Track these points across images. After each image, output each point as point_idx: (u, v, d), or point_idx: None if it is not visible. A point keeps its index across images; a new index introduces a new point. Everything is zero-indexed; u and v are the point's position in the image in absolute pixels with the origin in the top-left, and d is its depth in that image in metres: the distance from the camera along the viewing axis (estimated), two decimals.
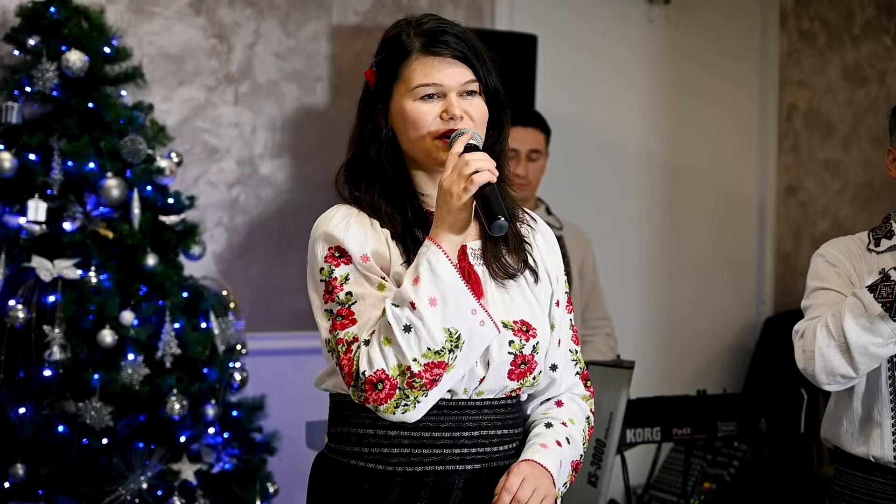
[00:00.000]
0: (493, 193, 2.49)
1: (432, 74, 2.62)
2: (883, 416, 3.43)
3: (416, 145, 2.66)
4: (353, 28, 5.75)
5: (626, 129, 6.47)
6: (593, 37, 6.33)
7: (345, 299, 2.57)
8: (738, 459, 5.64)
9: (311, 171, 5.64)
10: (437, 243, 2.51)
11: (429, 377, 2.48)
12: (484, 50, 2.70)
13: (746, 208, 6.78)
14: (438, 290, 2.48)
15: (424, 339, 2.46)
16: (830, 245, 3.63)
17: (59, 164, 4.54)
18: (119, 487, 4.51)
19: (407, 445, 2.64)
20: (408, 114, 2.64)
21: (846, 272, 3.51)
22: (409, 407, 2.50)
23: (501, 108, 2.73)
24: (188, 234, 4.79)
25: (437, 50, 2.64)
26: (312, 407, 4.46)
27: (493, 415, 2.69)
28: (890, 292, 3.27)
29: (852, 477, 3.53)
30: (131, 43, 5.04)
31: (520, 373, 2.65)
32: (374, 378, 2.48)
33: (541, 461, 2.63)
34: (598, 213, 6.23)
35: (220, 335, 4.76)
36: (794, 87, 6.60)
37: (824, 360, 3.34)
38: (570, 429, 2.75)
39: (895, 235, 3.55)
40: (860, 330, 3.28)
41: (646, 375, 5.50)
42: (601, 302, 5.28)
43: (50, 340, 4.44)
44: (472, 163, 2.49)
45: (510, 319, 2.64)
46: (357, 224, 2.64)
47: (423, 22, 2.68)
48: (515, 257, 2.72)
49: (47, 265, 4.48)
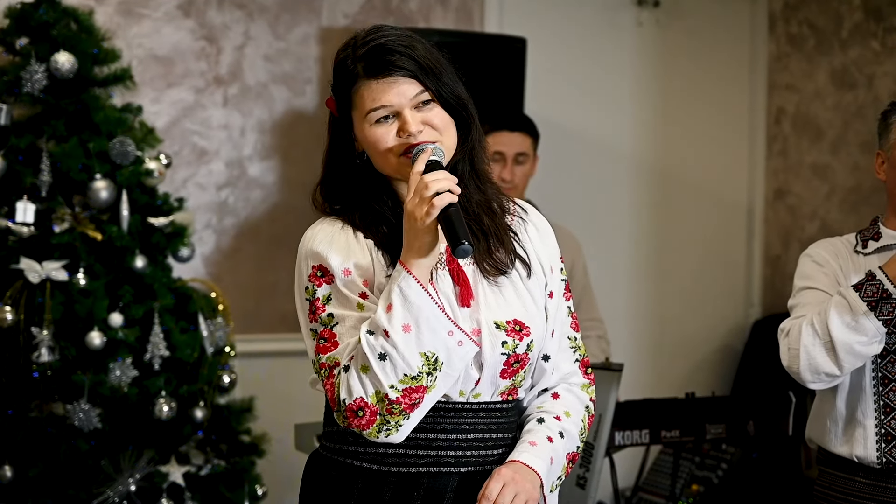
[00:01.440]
0: (455, 215, 2.47)
1: (379, 98, 2.60)
2: (866, 415, 3.45)
3: (384, 165, 2.66)
4: (342, 31, 5.75)
5: (616, 132, 6.47)
6: (582, 40, 6.34)
7: (326, 320, 2.60)
8: (727, 462, 5.65)
9: (299, 174, 5.64)
10: (407, 269, 2.51)
11: (407, 402, 2.50)
12: (430, 54, 2.66)
13: (735, 212, 6.79)
14: (411, 316, 2.48)
15: (400, 367, 2.48)
16: (818, 245, 3.65)
17: (47, 166, 4.54)
18: (107, 490, 4.51)
19: (402, 446, 2.64)
20: (368, 138, 2.63)
21: (833, 272, 3.53)
22: (392, 431, 2.53)
23: (463, 109, 2.70)
24: (177, 235, 4.78)
25: (379, 73, 2.61)
26: (301, 409, 4.48)
27: (488, 418, 2.69)
28: (875, 291, 3.29)
29: (835, 477, 3.55)
30: (120, 45, 5.04)
31: (512, 371, 2.66)
32: (354, 406, 2.51)
33: (527, 461, 2.63)
34: (587, 216, 6.23)
35: (208, 337, 4.75)
36: (782, 91, 6.61)
37: (809, 358, 3.36)
38: (563, 423, 2.74)
39: (882, 237, 3.57)
40: (845, 328, 3.30)
41: (634, 378, 5.51)
42: (593, 304, 5.27)
43: (38, 342, 4.44)
44: (431, 185, 2.47)
45: (503, 319, 2.64)
46: (340, 237, 2.65)
47: (367, 41, 2.64)
48: (503, 249, 2.71)
49: (36, 267, 4.47)
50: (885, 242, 3.55)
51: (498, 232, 2.73)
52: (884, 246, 3.54)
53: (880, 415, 3.44)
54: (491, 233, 2.71)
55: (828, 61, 6.31)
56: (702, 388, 6.01)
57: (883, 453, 3.42)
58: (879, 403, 3.44)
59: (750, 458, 5.60)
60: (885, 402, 3.44)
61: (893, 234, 3.56)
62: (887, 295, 3.28)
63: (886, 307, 3.28)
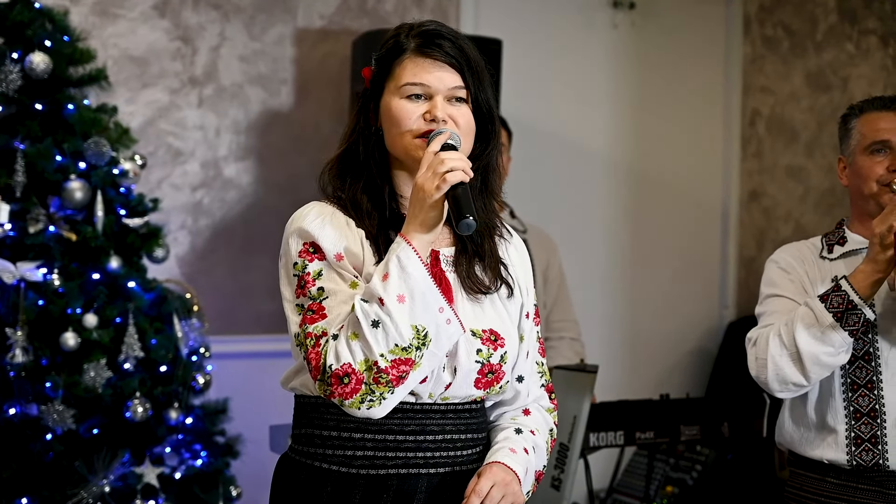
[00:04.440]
0: (464, 194, 2.50)
1: (421, 75, 2.65)
2: (837, 421, 3.46)
3: (397, 143, 2.67)
4: (317, 31, 5.75)
5: (591, 133, 6.48)
6: (558, 42, 6.35)
7: (316, 294, 2.59)
8: (701, 463, 5.66)
9: (275, 174, 5.63)
10: (407, 241, 2.53)
11: (395, 373, 2.49)
12: (480, 62, 2.72)
13: (710, 213, 6.81)
14: (407, 287, 2.49)
15: (392, 335, 2.48)
16: (784, 251, 3.66)
17: (21, 167, 4.52)
18: (81, 491, 4.49)
19: (371, 448, 2.64)
20: (393, 110, 2.66)
21: (799, 278, 3.54)
22: (375, 403, 2.51)
23: (490, 122, 2.74)
24: (152, 236, 4.77)
25: (430, 52, 2.66)
26: (276, 410, 4.46)
27: (457, 419, 2.69)
28: (841, 302, 3.30)
29: (806, 478, 3.56)
30: (95, 45, 5.03)
31: (486, 381, 2.66)
32: (341, 372, 2.49)
33: (511, 465, 2.64)
34: (561, 218, 6.24)
35: (183, 338, 4.74)
36: (757, 93, 6.63)
37: (776, 369, 3.37)
38: (536, 438, 2.77)
39: (848, 242, 3.58)
40: (812, 339, 3.31)
41: (609, 379, 5.52)
42: (567, 305, 5.27)
43: (12, 343, 4.42)
44: (446, 161, 2.50)
45: (479, 328, 2.66)
46: (332, 222, 2.65)
47: (425, 25, 2.71)
48: (491, 274, 2.73)
49: (10, 267, 4.46)
50: (850, 247, 3.56)
51: (490, 257, 2.75)
52: (849, 251, 3.55)
53: (850, 420, 3.45)
54: (482, 255, 2.74)
55: (802, 63, 6.33)
56: (676, 390, 6.03)
57: (853, 456, 3.43)
58: (849, 409, 3.45)
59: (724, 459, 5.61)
60: (854, 407, 3.44)
61: (858, 238, 3.57)
62: (853, 306, 3.27)
63: (852, 318, 3.28)
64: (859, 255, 3.49)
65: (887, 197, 3.48)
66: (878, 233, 3.27)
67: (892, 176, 3.50)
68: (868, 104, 3.62)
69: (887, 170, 3.52)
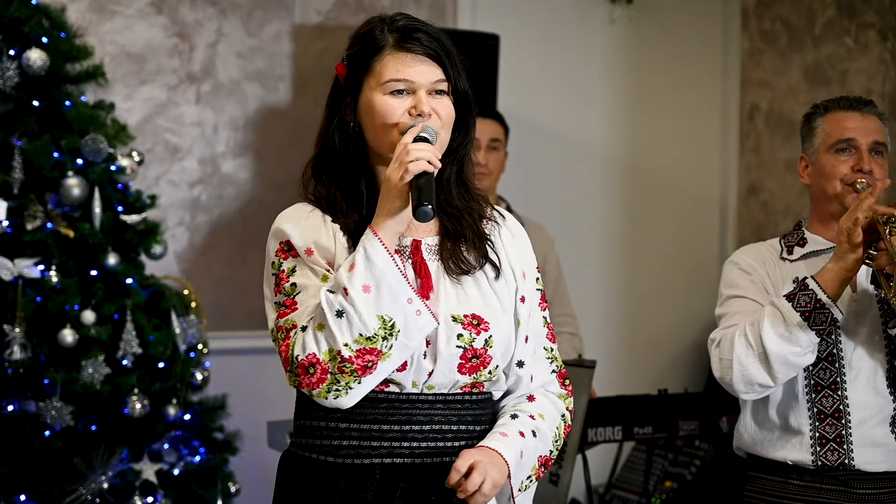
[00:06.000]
0: (427, 184, 2.52)
1: (404, 70, 2.66)
2: (801, 423, 3.44)
3: (381, 139, 2.68)
4: (315, 27, 5.75)
5: (588, 128, 6.48)
6: (556, 36, 6.34)
7: (290, 290, 2.62)
8: (700, 458, 5.66)
9: (273, 171, 5.63)
10: (374, 231, 2.55)
11: (360, 363, 2.51)
12: (455, 52, 2.73)
13: (708, 208, 6.80)
14: (372, 277, 2.51)
15: (356, 325, 2.50)
16: (743, 252, 3.66)
17: (19, 163, 4.52)
18: (80, 487, 4.50)
19: (356, 438, 2.65)
20: (377, 107, 2.67)
21: (760, 280, 3.53)
22: (342, 392, 2.54)
23: (469, 110, 2.76)
24: (149, 233, 4.77)
25: (410, 46, 2.67)
26: (274, 406, 4.47)
27: (446, 410, 2.68)
28: (808, 301, 3.28)
29: (768, 482, 3.54)
30: (93, 41, 5.03)
31: (471, 367, 2.65)
32: (306, 362, 2.52)
33: (496, 447, 2.63)
34: (559, 213, 6.23)
35: (181, 334, 4.75)
36: (755, 88, 6.63)
37: (742, 370, 3.35)
38: (537, 422, 2.74)
39: (808, 243, 3.57)
40: (779, 339, 3.29)
41: (607, 375, 5.51)
42: (565, 299, 5.27)
43: (10, 340, 4.43)
44: (412, 151, 2.53)
45: (461, 313, 2.65)
46: (308, 219, 2.68)
47: (397, 19, 2.72)
48: (475, 253, 2.73)
49: (8, 264, 4.46)
50: (810, 248, 3.55)
51: (472, 236, 2.74)
52: (809, 252, 3.54)
53: (814, 421, 3.43)
54: (464, 235, 2.73)
55: (801, 58, 6.32)
56: (675, 385, 6.01)
57: (818, 457, 3.41)
58: (813, 410, 3.43)
59: (723, 454, 5.61)
60: (818, 408, 3.42)
61: (819, 239, 3.56)
62: (821, 305, 3.25)
63: (820, 317, 3.26)
64: (820, 256, 3.48)
65: (851, 197, 3.45)
66: (844, 228, 3.25)
67: (856, 176, 3.48)
68: (833, 103, 3.59)
69: (852, 169, 3.49)
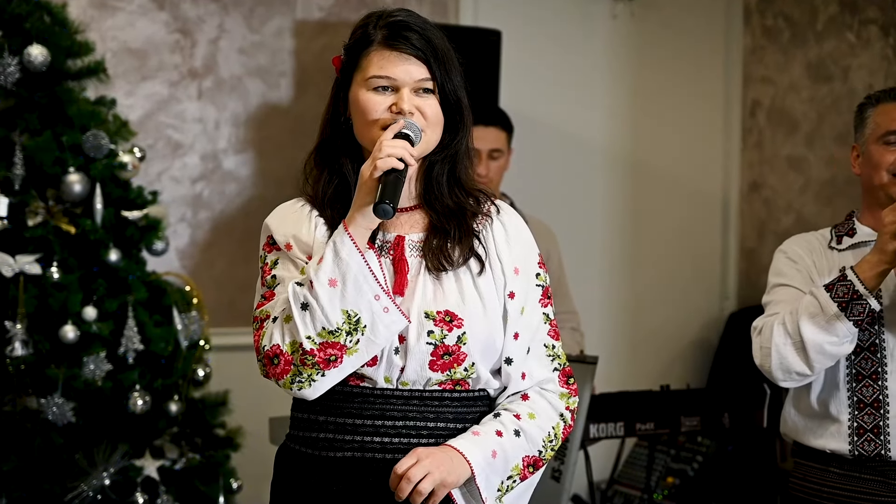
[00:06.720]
0: (393, 182, 2.53)
1: (387, 67, 2.66)
2: (840, 412, 3.47)
3: (364, 134, 2.69)
4: (317, 23, 5.74)
5: (590, 124, 6.47)
6: (557, 33, 6.34)
7: (270, 282, 2.67)
8: (702, 454, 5.66)
9: (274, 167, 5.63)
10: (345, 226, 2.57)
11: (322, 356, 2.53)
12: (448, 52, 2.73)
13: (710, 204, 6.80)
14: (339, 271, 2.53)
15: (319, 319, 2.52)
16: (792, 241, 3.66)
17: (20, 160, 4.52)
18: (82, 484, 4.50)
19: (332, 431, 2.67)
20: (360, 102, 2.68)
21: (807, 269, 3.54)
22: (304, 384, 2.57)
23: (458, 111, 2.74)
24: (151, 229, 4.77)
25: (396, 44, 2.67)
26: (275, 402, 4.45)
27: (422, 406, 2.67)
28: (846, 292, 3.29)
29: (810, 469, 3.57)
30: (94, 37, 5.02)
31: (444, 364, 2.63)
32: (271, 353, 2.56)
33: (458, 447, 2.60)
34: (562, 209, 6.22)
35: (183, 331, 4.75)
36: (757, 84, 6.62)
37: (780, 358, 3.37)
38: (522, 422, 2.69)
39: (857, 233, 3.57)
40: (816, 329, 3.31)
41: (609, 370, 5.51)
42: (568, 296, 5.27)
43: (11, 336, 4.43)
44: (384, 148, 2.55)
45: (433, 310, 2.63)
46: (293, 214, 2.72)
47: (393, 15, 2.71)
48: (461, 250, 2.71)
49: (9, 261, 4.46)
50: (858, 239, 3.56)
51: (459, 233, 2.73)
52: (858, 242, 3.55)
53: (854, 410, 3.45)
54: (450, 232, 2.72)
55: (803, 54, 6.32)
56: (677, 381, 6.01)
57: (855, 446, 3.44)
58: (853, 399, 3.45)
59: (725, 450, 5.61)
60: (858, 397, 3.44)
61: (867, 230, 3.56)
62: (858, 296, 3.27)
63: (857, 308, 3.28)
64: (867, 247, 3.48)
65: None
66: (887, 222, 3.27)
67: None
68: (885, 94, 3.61)
69: None
